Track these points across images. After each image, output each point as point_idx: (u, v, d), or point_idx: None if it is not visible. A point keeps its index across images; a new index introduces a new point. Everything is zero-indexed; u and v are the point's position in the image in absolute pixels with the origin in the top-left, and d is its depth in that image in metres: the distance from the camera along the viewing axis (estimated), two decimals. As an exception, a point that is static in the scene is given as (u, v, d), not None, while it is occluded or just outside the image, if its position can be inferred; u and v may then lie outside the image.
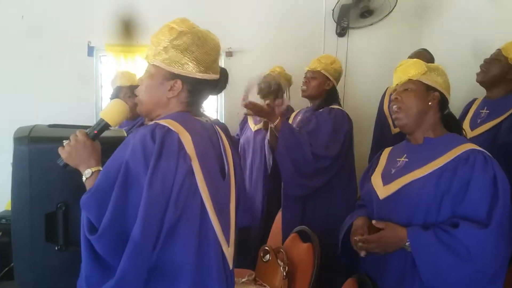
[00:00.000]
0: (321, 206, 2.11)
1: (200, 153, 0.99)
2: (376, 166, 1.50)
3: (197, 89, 1.07)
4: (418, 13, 3.41)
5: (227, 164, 1.11)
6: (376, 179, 1.44)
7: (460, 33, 2.87)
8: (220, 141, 1.13)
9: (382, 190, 1.39)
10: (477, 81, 2.05)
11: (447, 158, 1.28)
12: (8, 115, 2.71)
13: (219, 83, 1.13)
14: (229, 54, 3.19)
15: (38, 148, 1.17)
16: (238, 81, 3.18)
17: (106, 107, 1.16)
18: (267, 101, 1.98)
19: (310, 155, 2.01)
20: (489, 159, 1.25)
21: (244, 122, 2.92)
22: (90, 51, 3.03)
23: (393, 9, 3.17)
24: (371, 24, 3.28)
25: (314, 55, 3.30)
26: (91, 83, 3.09)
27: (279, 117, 1.99)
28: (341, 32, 3.27)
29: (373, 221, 1.33)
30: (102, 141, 1.15)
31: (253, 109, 1.95)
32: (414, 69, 1.39)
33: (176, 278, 0.96)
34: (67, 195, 1.16)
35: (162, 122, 0.99)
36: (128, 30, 2.94)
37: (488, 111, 2.00)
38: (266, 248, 1.75)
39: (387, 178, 1.41)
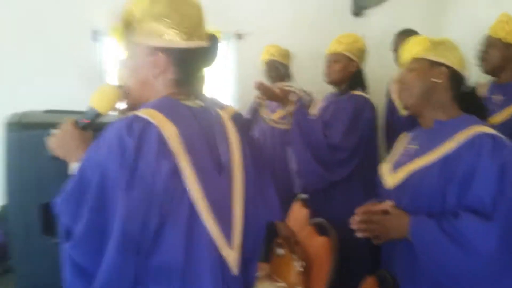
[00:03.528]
0: (341, 201, 1.94)
1: (190, 147, 0.86)
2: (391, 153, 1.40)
3: (184, 61, 0.92)
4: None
5: (228, 155, 0.96)
6: (384, 167, 1.35)
7: (486, 13, 2.69)
8: (218, 128, 0.98)
9: (389, 179, 1.30)
10: (484, 72, 2.01)
11: (452, 143, 1.16)
12: (9, 102, 2.62)
13: (210, 51, 0.97)
14: (239, 36, 3.05)
15: (29, 135, 1.08)
16: (249, 64, 3.10)
17: (95, 93, 1.00)
18: (280, 86, 1.87)
19: (324, 146, 1.87)
20: (501, 143, 1.10)
21: (253, 110, 2.75)
22: (94, 35, 2.92)
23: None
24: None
25: (329, 36, 3.16)
26: (95, 68, 2.98)
27: (293, 103, 1.84)
28: (357, 11, 3.09)
29: (384, 204, 1.20)
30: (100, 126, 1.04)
31: (265, 92, 1.81)
32: (417, 47, 1.28)
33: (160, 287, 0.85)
34: (64, 183, 1.07)
35: (142, 113, 0.85)
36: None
37: (504, 97, 1.92)
38: (280, 241, 1.64)
39: (395, 166, 1.31)
